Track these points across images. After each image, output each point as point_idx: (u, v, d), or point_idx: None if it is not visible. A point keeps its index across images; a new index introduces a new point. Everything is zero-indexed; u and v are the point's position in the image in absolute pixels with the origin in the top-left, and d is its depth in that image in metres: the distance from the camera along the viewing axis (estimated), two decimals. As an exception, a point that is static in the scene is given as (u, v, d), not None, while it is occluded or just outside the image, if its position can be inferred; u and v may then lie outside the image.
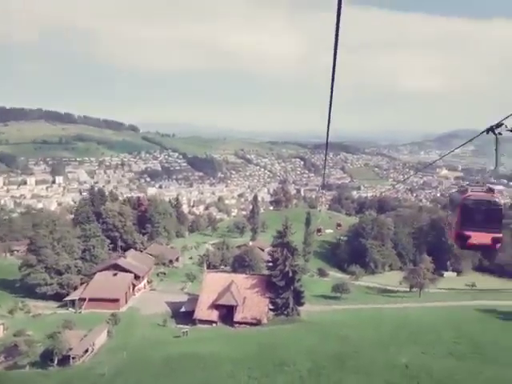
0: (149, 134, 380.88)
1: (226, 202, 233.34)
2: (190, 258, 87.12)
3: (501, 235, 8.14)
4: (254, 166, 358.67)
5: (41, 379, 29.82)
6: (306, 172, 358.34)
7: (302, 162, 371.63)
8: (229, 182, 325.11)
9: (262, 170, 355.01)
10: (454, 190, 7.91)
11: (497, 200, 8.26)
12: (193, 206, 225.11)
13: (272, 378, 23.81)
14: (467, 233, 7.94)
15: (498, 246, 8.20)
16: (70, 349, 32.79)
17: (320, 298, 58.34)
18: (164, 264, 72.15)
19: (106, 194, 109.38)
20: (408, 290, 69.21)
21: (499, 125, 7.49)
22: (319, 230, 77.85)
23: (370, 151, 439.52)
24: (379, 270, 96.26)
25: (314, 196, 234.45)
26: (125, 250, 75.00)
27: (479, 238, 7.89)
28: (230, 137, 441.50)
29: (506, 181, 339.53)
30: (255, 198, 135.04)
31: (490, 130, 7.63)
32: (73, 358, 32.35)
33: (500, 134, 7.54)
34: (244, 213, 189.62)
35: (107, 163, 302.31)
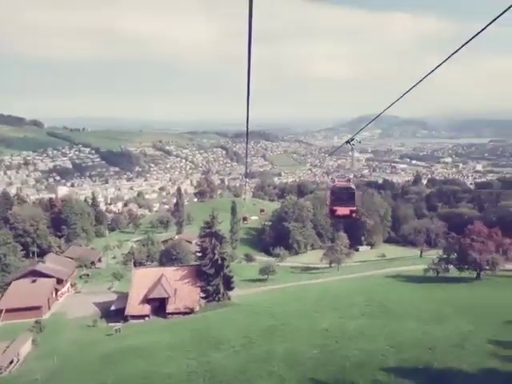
0: (55, 129, 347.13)
1: (147, 196, 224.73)
2: (114, 258, 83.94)
3: (355, 208, 11.75)
4: (174, 157, 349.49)
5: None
6: (229, 161, 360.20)
7: (224, 152, 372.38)
8: (148, 175, 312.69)
9: (183, 161, 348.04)
10: (335, 182, 11.56)
11: (351, 186, 11.85)
12: (110, 204, 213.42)
13: (209, 356, 25.32)
14: (335, 208, 11.53)
15: (354, 214, 11.86)
16: (-7, 361, 30.56)
17: (249, 281, 60.93)
18: (86, 266, 68.75)
19: (12, 196, 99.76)
20: (328, 265, 75.30)
21: (352, 139, 11.32)
22: (245, 219, 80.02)
23: (288, 138, 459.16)
24: (302, 250, 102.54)
25: (238, 185, 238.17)
26: (40, 255, 69.80)
27: (342, 210, 11.50)
28: (146, 128, 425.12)
29: (408, 159, 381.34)
30: (179, 190, 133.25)
31: (347, 142, 11.37)
32: (-3, 369, 30.19)
33: (353, 144, 11.23)
34: (167, 207, 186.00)
35: (7, 163, 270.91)
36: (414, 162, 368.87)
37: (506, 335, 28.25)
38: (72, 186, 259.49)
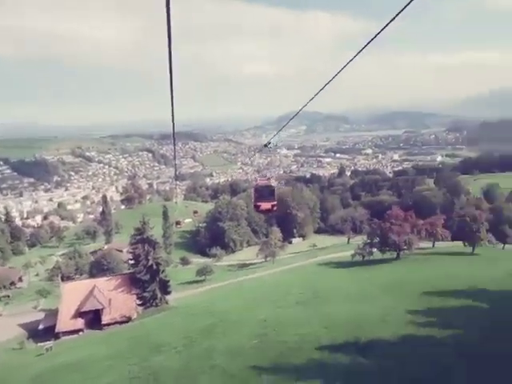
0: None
1: (69, 207, 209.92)
2: (37, 275, 77.72)
3: (275, 202, 13.54)
4: (96, 164, 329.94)
5: None
6: (157, 164, 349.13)
7: (151, 155, 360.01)
8: (68, 185, 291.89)
9: (107, 167, 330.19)
10: (258, 180, 13.46)
11: (272, 184, 13.71)
12: (27, 218, 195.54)
13: (150, 360, 24.98)
14: (259, 203, 13.21)
15: (275, 208, 13.75)
16: None
17: (186, 284, 60.34)
18: (5, 287, 62.76)
19: None
20: (264, 260, 77.35)
21: (269, 142, 13.42)
22: (178, 223, 78.54)
23: (217, 138, 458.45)
24: (238, 248, 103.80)
25: (168, 188, 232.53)
26: None
27: (265, 205, 13.30)
28: (62, 134, 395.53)
29: (333, 153, 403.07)
30: (104, 198, 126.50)
31: (265, 145, 13.45)
32: None
33: (270, 147, 13.50)
34: (92, 216, 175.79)
35: None
36: (338, 155, 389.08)
37: (422, 305, 31.92)
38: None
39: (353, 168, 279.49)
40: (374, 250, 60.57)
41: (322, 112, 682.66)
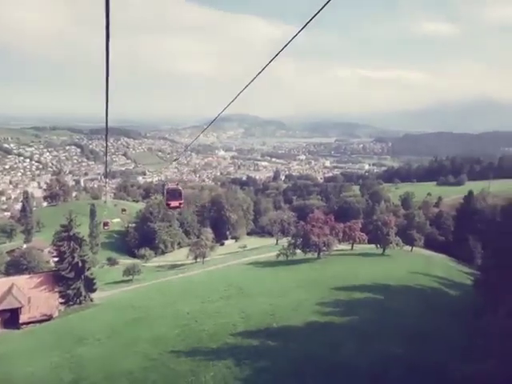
0: None
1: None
2: None
3: (182, 201, 16.46)
4: (15, 156, 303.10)
5: None
6: (85, 160, 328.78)
7: (79, 150, 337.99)
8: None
9: (28, 161, 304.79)
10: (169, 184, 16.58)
11: (179, 188, 16.45)
12: None
13: (73, 351, 25.58)
14: (169, 202, 15.97)
15: (182, 205, 16.57)
16: None
17: (112, 284, 59.63)
18: None
19: None
20: (194, 261, 78.50)
21: (177, 158, 16.00)
22: (106, 224, 75.75)
23: (152, 135, 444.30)
24: (169, 249, 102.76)
25: (96, 186, 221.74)
26: None
27: (174, 203, 16.02)
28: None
29: (269, 157, 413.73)
30: (25, 194, 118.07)
31: (175, 160, 16.26)
32: None
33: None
34: (8, 213, 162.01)
35: None
36: (274, 159, 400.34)
37: (330, 298, 36.17)
38: None
39: (287, 172, 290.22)
40: (298, 250, 65.25)
41: (259, 116, 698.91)
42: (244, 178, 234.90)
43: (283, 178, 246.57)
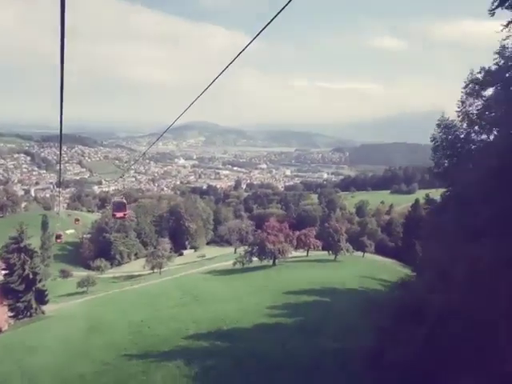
0: None
1: None
2: None
3: (127, 212, 18.63)
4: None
5: None
6: (36, 169, 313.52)
7: (29, 158, 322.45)
8: None
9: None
10: (115, 198, 19.04)
11: (124, 201, 18.31)
12: None
13: (25, 360, 25.68)
14: (115, 213, 17.93)
15: (126, 216, 19.42)
16: None
17: (65, 296, 58.54)
18: None
19: None
20: (151, 271, 78.22)
21: (123, 175, 25.16)
22: (58, 237, 73.45)
23: (109, 143, 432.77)
24: (125, 260, 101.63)
25: (48, 195, 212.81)
26: None
27: (119, 214, 18.03)
28: None
29: (230, 166, 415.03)
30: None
31: (121, 177, 19.54)
32: None
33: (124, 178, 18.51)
34: None
35: None
36: (235, 168, 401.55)
37: (280, 301, 38.36)
38: None
39: (249, 181, 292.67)
40: (254, 258, 67.24)
41: (219, 124, 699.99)
42: (204, 187, 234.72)
43: (244, 186, 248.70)
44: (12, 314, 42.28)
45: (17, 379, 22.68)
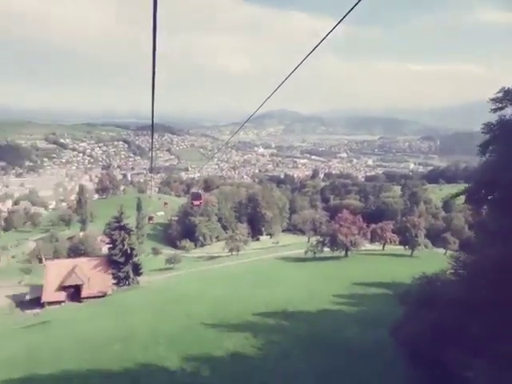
0: None
1: (41, 193, 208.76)
2: (13, 257, 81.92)
3: (202, 201, 22.00)
4: (70, 151, 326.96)
5: None
6: (132, 155, 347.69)
7: (126, 145, 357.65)
8: (41, 171, 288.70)
9: (81, 155, 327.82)
10: (193, 189, 22.57)
11: (200, 192, 21.60)
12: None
13: (124, 319, 32.00)
14: (193, 201, 21.84)
15: (202, 204, 29.66)
16: None
17: (156, 271, 66.68)
18: (-15, 265, 67.30)
19: None
20: (229, 253, 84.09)
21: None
22: (150, 218, 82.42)
23: (194, 132, 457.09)
24: (207, 241, 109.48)
25: (142, 180, 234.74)
26: None
27: (195, 202, 21.24)
28: (36, 119, 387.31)
29: (308, 155, 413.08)
30: (81, 187, 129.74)
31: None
32: None
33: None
34: (64, 204, 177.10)
35: None
36: (313, 157, 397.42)
37: (346, 291, 39.93)
38: None
39: (327, 171, 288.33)
40: (326, 248, 68.60)
41: (299, 112, 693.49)
42: (282, 176, 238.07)
43: (322, 176, 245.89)
44: (114, 282, 50.43)
45: (119, 332, 28.51)
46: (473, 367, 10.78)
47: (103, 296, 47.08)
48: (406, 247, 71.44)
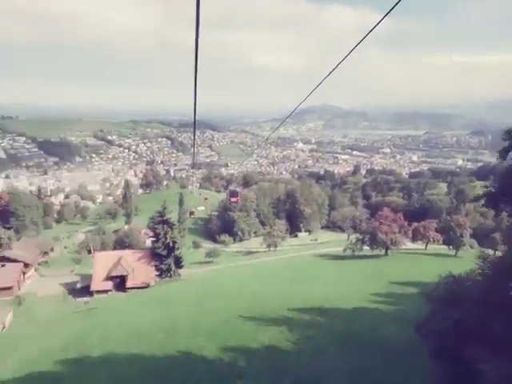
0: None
1: (89, 188, 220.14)
2: (65, 248, 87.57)
3: (239, 198, 22.59)
4: (116, 147, 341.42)
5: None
6: (174, 151, 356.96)
7: (169, 142, 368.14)
8: (89, 166, 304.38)
9: (126, 151, 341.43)
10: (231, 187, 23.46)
11: (237, 189, 24.30)
12: (50, 196, 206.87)
13: (167, 311, 33.69)
14: (231, 198, 22.56)
15: (239, 201, 30.31)
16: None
17: (196, 264, 68.79)
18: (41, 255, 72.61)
19: None
20: (267, 249, 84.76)
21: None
22: (192, 213, 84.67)
23: (234, 128, 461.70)
24: (246, 237, 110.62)
25: (184, 175, 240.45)
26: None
27: (233, 199, 22.22)
28: (86, 117, 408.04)
29: (350, 150, 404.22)
30: (127, 182, 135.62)
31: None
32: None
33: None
34: (111, 198, 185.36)
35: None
36: (355, 152, 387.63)
37: (385, 290, 39.37)
38: (7, 177, 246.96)
39: (369, 167, 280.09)
40: (366, 246, 67.41)
41: (341, 107, 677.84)
42: (321, 172, 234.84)
43: (364, 172, 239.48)
44: (157, 273, 52.86)
45: (163, 323, 30.13)
46: (489, 362, 10.89)
47: (146, 287, 49.56)
48: (450, 247, 68.63)
